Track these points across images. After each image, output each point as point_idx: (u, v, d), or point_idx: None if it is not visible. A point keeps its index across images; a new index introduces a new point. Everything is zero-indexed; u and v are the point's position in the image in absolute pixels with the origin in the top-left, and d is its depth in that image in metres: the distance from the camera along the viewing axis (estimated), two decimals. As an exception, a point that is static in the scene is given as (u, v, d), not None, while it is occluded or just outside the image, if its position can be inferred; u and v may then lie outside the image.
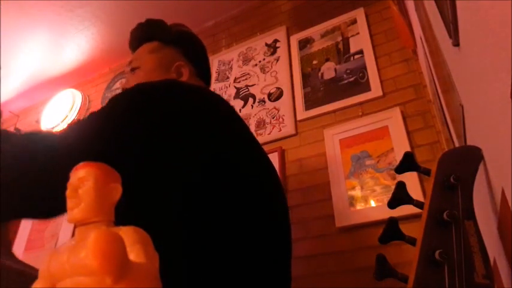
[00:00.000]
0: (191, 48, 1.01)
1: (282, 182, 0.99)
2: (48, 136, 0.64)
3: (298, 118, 1.64)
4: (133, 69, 0.94)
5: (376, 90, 1.51)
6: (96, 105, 2.41)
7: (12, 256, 0.68)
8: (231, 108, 0.80)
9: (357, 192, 1.34)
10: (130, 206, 0.65)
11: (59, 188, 0.26)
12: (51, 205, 0.56)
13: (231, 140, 0.72)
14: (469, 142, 0.68)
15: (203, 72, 1.01)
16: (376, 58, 1.59)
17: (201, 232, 0.62)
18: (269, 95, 1.78)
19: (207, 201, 0.64)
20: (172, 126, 0.64)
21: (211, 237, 0.62)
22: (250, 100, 1.83)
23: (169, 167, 0.63)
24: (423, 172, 0.56)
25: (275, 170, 0.84)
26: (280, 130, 1.65)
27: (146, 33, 1.00)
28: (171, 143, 0.64)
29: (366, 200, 1.31)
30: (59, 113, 2.46)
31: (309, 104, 1.64)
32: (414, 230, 0.48)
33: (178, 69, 0.94)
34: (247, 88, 1.88)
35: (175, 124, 0.65)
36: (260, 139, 1.13)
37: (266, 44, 1.97)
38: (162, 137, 0.63)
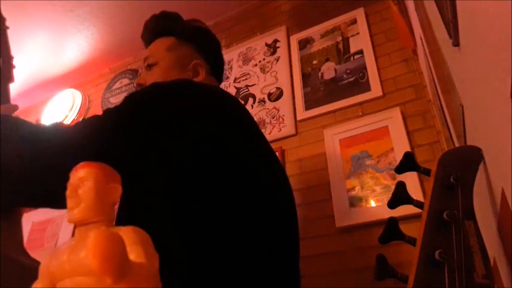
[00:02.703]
0: (207, 46, 1.00)
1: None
2: (60, 127, 0.66)
3: (298, 118, 1.64)
4: (149, 66, 0.93)
5: (376, 90, 1.51)
6: (96, 105, 2.41)
7: (26, 253, 0.68)
8: (242, 107, 0.81)
9: (357, 192, 1.34)
10: (133, 203, 0.66)
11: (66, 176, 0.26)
12: (55, 194, 0.58)
13: (238, 137, 0.73)
14: (469, 142, 0.68)
15: (217, 69, 1.01)
16: (376, 58, 1.59)
17: (203, 231, 0.62)
18: (269, 95, 1.78)
19: (210, 200, 0.64)
20: (180, 123, 0.66)
21: (213, 237, 0.62)
22: (250, 100, 1.83)
23: (172, 165, 0.65)
24: (423, 172, 0.56)
25: (283, 169, 0.86)
26: (280, 130, 1.65)
27: (162, 27, 0.98)
28: (177, 140, 0.65)
29: (366, 200, 1.31)
30: (59, 113, 2.46)
31: (309, 104, 1.64)
32: (414, 230, 0.48)
33: (195, 68, 0.93)
34: (247, 88, 1.88)
35: (184, 122, 0.66)
36: (260, 139, 1.14)
37: (266, 44, 1.96)
38: (170, 134, 0.65)
